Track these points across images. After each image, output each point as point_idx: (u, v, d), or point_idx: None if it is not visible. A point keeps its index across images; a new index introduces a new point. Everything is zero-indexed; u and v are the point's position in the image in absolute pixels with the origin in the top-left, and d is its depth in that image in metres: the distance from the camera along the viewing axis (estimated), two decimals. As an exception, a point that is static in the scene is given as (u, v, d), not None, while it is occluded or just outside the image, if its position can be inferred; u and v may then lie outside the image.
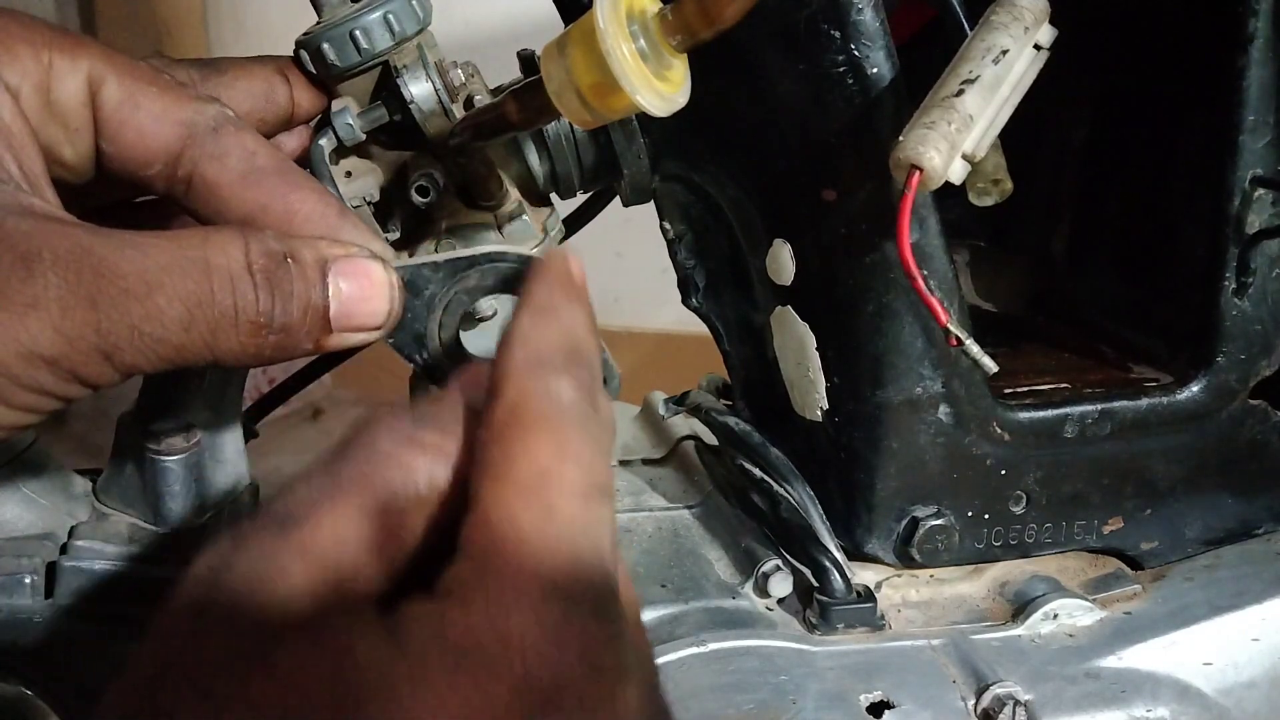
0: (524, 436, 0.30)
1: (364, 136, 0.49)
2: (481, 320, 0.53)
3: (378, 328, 0.41)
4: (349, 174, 0.51)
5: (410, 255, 0.53)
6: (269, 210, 0.42)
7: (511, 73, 0.55)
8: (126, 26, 2.12)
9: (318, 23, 0.49)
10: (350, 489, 0.30)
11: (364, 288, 0.40)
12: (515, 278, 0.46)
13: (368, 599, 0.29)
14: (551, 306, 0.34)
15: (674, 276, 0.64)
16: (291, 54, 0.49)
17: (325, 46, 0.48)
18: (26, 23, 0.40)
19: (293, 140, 0.51)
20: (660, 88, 0.38)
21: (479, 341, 0.54)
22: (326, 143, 0.49)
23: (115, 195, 0.46)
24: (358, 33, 0.47)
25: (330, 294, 0.39)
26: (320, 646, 0.27)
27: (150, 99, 0.41)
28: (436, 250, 0.52)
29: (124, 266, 0.35)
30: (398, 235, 0.53)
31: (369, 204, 0.51)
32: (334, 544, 0.29)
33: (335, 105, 0.49)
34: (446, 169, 0.50)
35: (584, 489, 0.29)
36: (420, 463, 0.31)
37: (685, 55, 0.39)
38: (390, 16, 0.47)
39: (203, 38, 2.16)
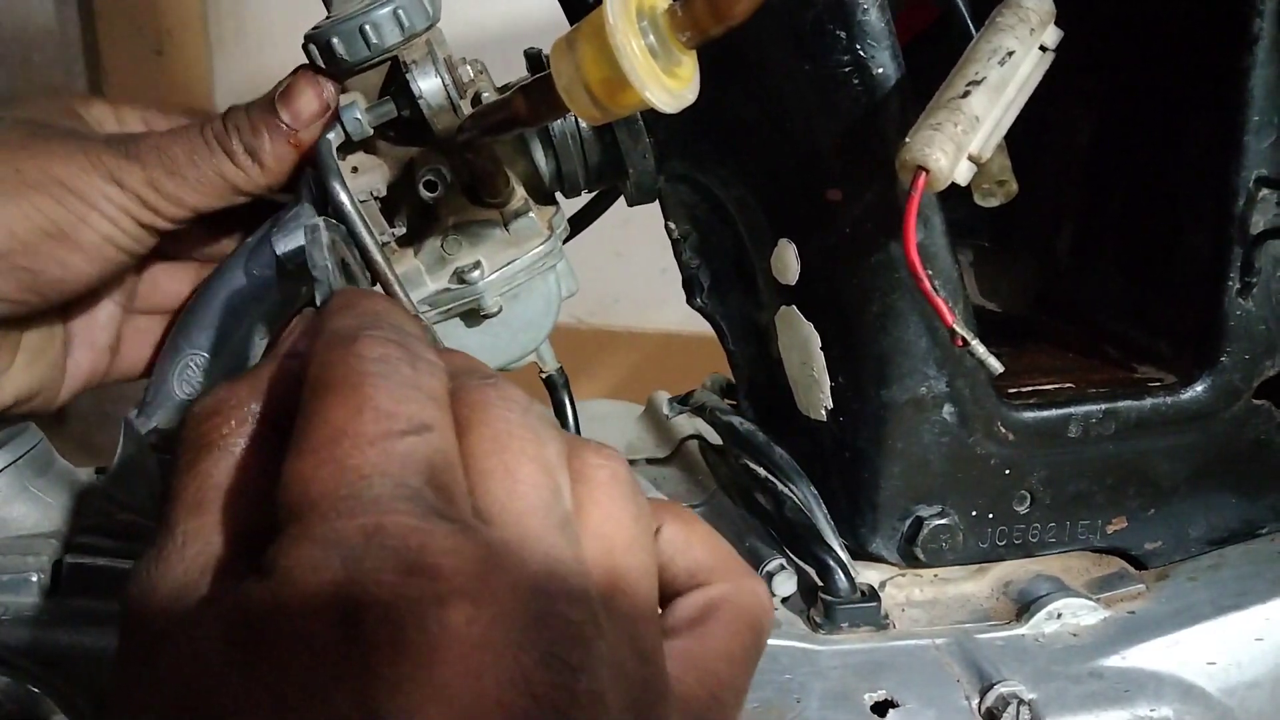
0: (317, 403, 0.29)
1: (371, 131, 0.50)
2: (486, 316, 0.53)
3: (323, 110, 0.49)
4: (355, 169, 0.51)
5: (416, 252, 0.53)
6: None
7: (514, 72, 0.55)
8: (126, 27, 2.12)
9: (326, 17, 0.49)
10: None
11: (297, 93, 0.50)
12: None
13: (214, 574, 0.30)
14: (347, 304, 0.34)
15: (674, 276, 0.64)
16: (302, 49, 0.50)
17: (335, 41, 0.48)
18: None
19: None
20: (669, 84, 0.38)
21: (469, 338, 0.54)
22: (334, 137, 0.49)
23: None
24: (367, 27, 0.47)
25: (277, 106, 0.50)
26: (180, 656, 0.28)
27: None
28: (443, 246, 0.52)
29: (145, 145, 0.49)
30: (403, 231, 0.53)
31: (375, 199, 0.51)
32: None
33: (343, 100, 0.49)
34: (453, 166, 0.50)
35: (381, 433, 0.29)
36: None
37: (694, 52, 0.39)
38: (400, 11, 0.47)
39: (203, 38, 2.16)
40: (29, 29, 2.13)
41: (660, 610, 0.34)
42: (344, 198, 0.48)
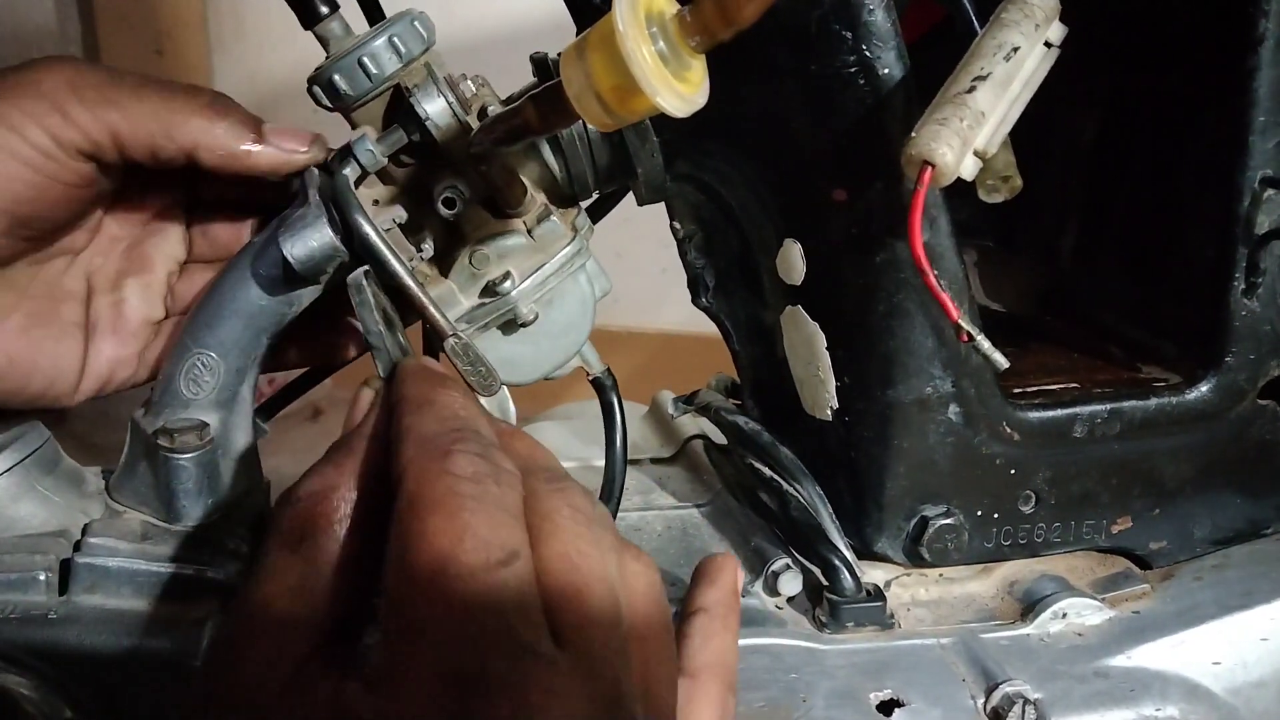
0: (423, 523, 0.33)
1: (385, 161, 0.50)
2: (524, 325, 0.53)
3: (289, 157, 0.50)
4: (376, 202, 0.52)
5: (445, 272, 0.53)
6: None
7: (512, 75, 0.55)
8: (126, 27, 2.12)
9: (326, 58, 0.49)
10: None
11: (286, 130, 0.50)
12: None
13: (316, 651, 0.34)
14: (426, 399, 0.39)
15: (675, 277, 0.64)
16: (307, 92, 0.50)
17: (336, 78, 0.49)
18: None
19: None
20: (681, 89, 0.38)
21: (510, 348, 0.54)
22: (350, 172, 0.49)
23: None
24: (366, 59, 0.48)
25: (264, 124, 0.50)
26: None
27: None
28: (471, 263, 0.53)
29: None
30: (431, 253, 0.53)
31: (398, 225, 0.52)
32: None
33: (354, 134, 0.50)
34: (469, 181, 0.51)
35: (481, 564, 0.33)
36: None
37: (704, 56, 0.39)
38: (395, 39, 0.48)
39: (203, 38, 2.16)
40: (29, 29, 2.13)
41: None
42: (369, 230, 0.48)
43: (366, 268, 0.48)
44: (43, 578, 0.50)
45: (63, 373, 0.54)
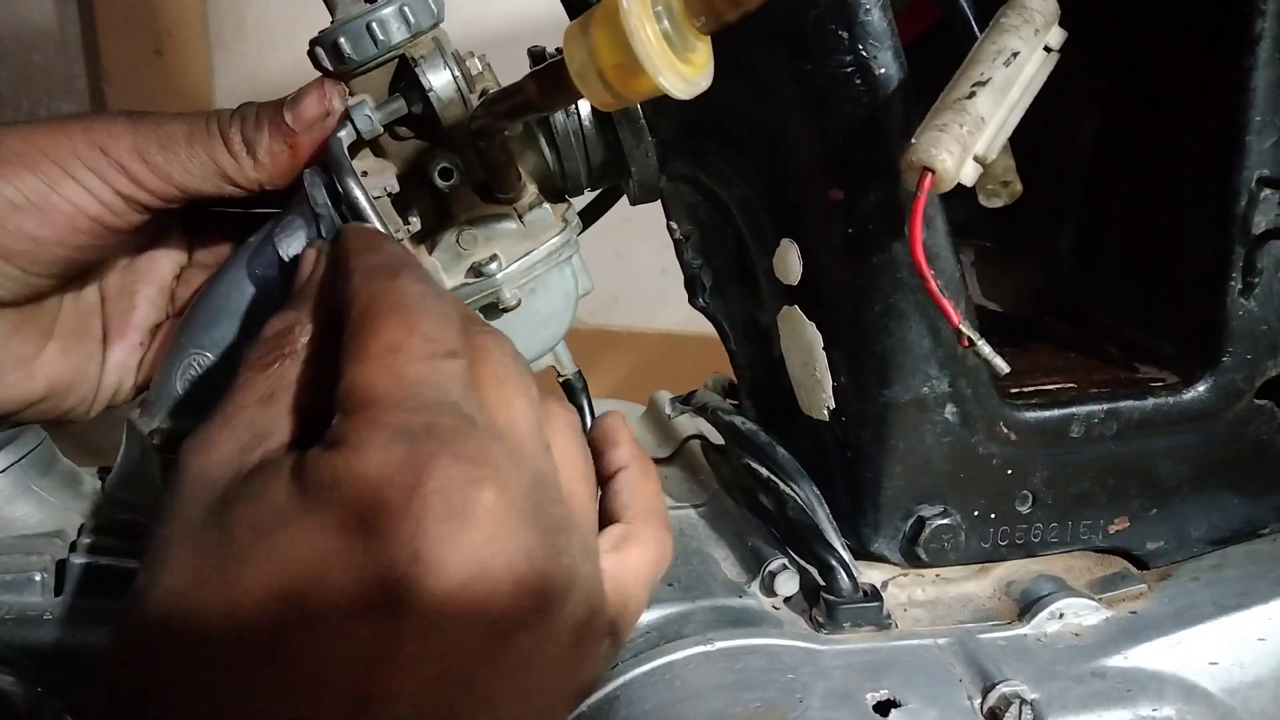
0: (374, 324, 0.37)
1: (382, 130, 0.50)
2: (505, 311, 0.53)
3: (324, 114, 0.49)
4: (365, 173, 0.51)
5: (431, 249, 0.53)
6: None
7: (512, 75, 0.55)
8: (126, 27, 2.12)
9: (332, 21, 0.49)
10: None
11: (305, 93, 0.50)
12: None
13: (282, 449, 0.38)
14: (372, 246, 0.43)
15: (674, 277, 0.64)
16: (307, 54, 0.50)
17: (342, 40, 0.48)
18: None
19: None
20: (684, 70, 0.37)
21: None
22: (345, 135, 0.49)
23: None
24: (374, 25, 0.48)
25: (284, 108, 0.50)
26: (251, 497, 0.36)
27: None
28: (458, 242, 0.52)
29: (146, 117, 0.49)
30: (418, 227, 0.53)
31: (389, 196, 0.51)
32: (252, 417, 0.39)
33: (352, 100, 0.50)
34: (465, 160, 0.51)
35: (428, 353, 0.37)
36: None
37: (709, 38, 0.39)
38: (406, 9, 0.48)
39: (203, 38, 2.16)
40: (29, 29, 2.13)
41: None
42: (359, 193, 0.48)
43: (319, 169, 0.49)
44: (38, 578, 0.50)
45: (90, 388, 0.54)
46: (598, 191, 0.62)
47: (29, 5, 2.12)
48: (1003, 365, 0.48)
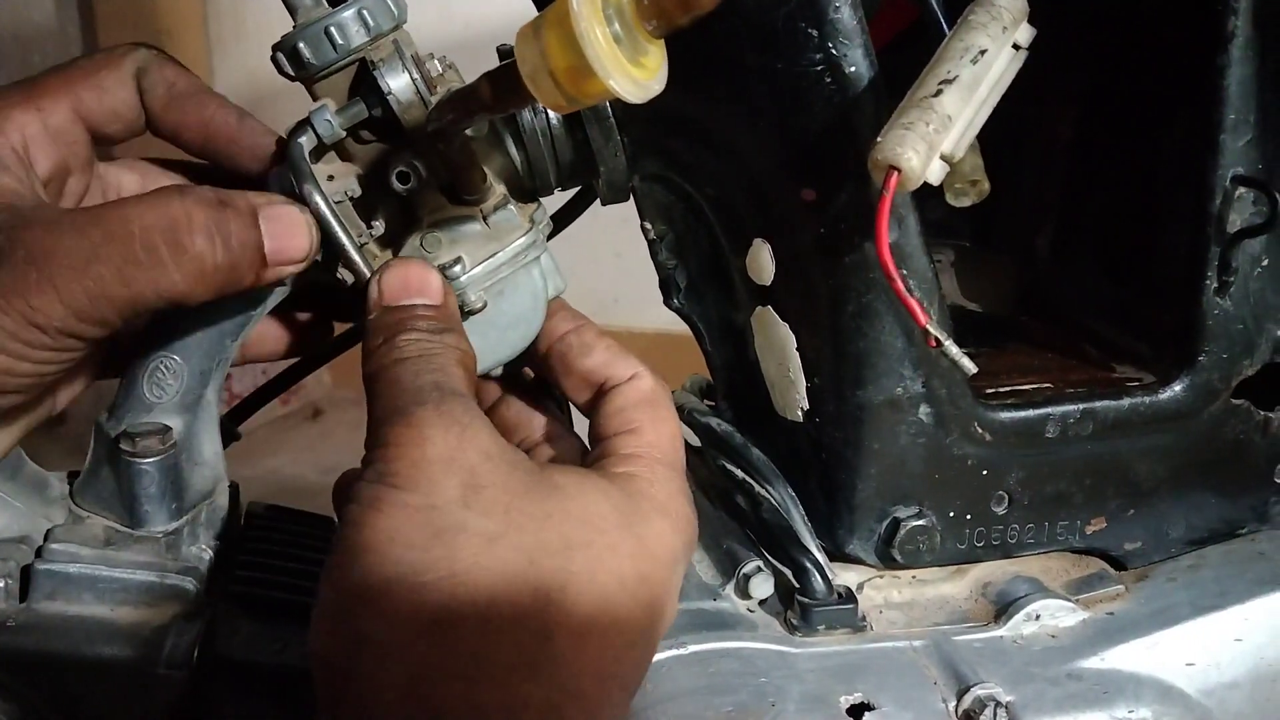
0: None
1: (344, 134, 0.49)
2: (471, 313, 0.53)
3: (302, 260, 0.48)
4: (331, 178, 0.51)
5: (395, 252, 0.53)
6: (187, 127, 0.52)
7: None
8: (126, 27, 2.12)
9: (294, 27, 0.49)
10: None
11: (288, 227, 0.47)
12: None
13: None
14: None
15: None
16: (270, 60, 0.50)
17: (301, 45, 0.48)
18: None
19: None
20: (635, 73, 0.37)
21: None
22: (306, 141, 0.49)
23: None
24: (333, 29, 0.48)
25: (263, 232, 0.46)
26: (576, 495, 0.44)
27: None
28: (422, 245, 0.52)
29: (62, 244, 0.43)
30: (382, 230, 0.52)
31: (350, 200, 0.51)
32: None
33: (314, 105, 0.49)
34: (428, 163, 0.50)
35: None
36: None
37: (662, 42, 0.38)
38: (365, 12, 0.48)
39: (203, 38, 2.16)
40: (29, 29, 2.12)
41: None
42: (319, 199, 0.48)
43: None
44: (3, 585, 0.50)
45: (43, 416, 0.54)
46: (572, 192, 0.62)
47: (29, 5, 2.11)
48: (970, 366, 0.48)
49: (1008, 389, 0.60)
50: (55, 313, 0.44)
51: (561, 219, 0.66)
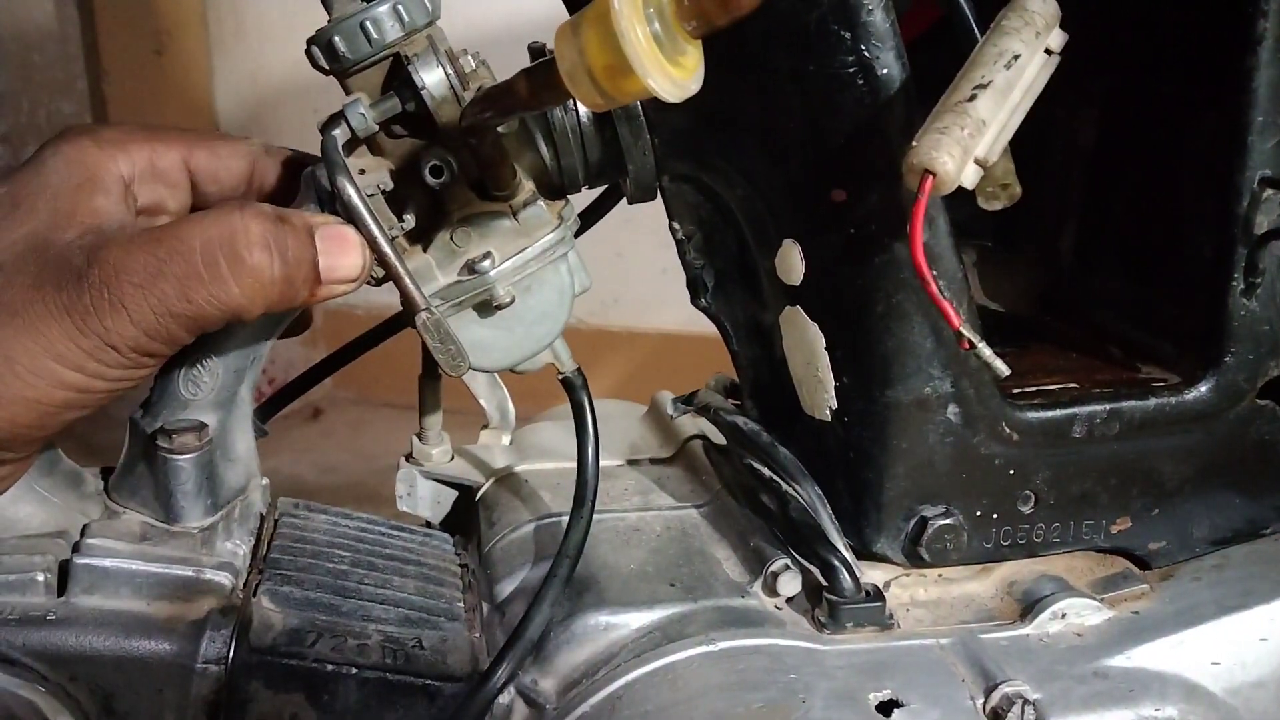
0: None
1: (377, 127, 0.50)
2: (499, 308, 0.53)
3: (355, 279, 0.50)
4: (362, 171, 0.51)
5: (425, 247, 0.53)
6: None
7: (513, 71, 0.55)
8: (126, 27, 2.12)
9: (329, 21, 0.49)
10: None
11: (342, 245, 0.49)
12: None
13: None
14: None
15: (675, 277, 0.64)
16: (305, 54, 0.50)
17: (336, 39, 0.49)
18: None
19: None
20: (673, 73, 0.37)
21: (482, 331, 0.54)
22: (340, 134, 0.49)
23: None
24: (368, 23, 0.48)
25: (319, 250, 0.49)
26: None
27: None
28: (452, 239, 0.53)
29: (131, 262, 0.46)
30: (412, 224, 0.53)
31: (382, 193, 0.52)
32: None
33: (348, 99, 0.50)
34: (459, 158, 0.51)
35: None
36: None
37: (700, 42, 0.39)
38: (400, 8, 0.48)
39: (203, 39, 2.16)
40: (29, 29, 2.13)
41: None
42: (352, 192, 0.49)
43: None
44: (41, 579, 0.50)
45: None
46: (599, 190, 0.62)
47: (29, 5, 2.12)
48: (1003, 368, 0.48)
49: (1034, 389, 0.60)
50: (128, 333, 0.46)
51: (588, 217, 0.66)
